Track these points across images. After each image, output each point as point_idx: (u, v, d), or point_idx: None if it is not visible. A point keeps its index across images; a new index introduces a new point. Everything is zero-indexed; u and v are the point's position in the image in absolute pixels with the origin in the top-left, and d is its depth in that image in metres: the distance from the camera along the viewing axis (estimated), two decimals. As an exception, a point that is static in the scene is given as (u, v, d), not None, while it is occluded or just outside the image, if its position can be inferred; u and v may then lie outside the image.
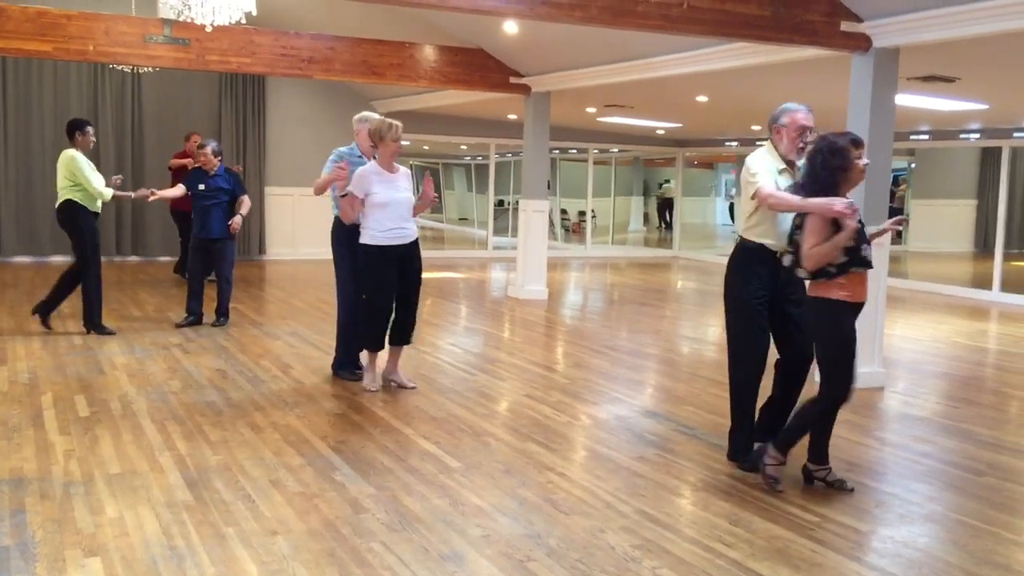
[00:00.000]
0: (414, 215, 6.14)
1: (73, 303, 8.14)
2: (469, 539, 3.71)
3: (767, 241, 4.63)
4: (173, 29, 8.87)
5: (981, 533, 3.98)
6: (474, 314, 10.34)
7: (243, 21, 7.76)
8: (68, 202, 7.70)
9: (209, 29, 8.07)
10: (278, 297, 10.71)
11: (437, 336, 8.40)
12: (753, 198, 4.55)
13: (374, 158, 6.14)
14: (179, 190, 8.79)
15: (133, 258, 13.71)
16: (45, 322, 7.92)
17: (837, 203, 4.16)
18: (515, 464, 4.72)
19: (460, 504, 4.10)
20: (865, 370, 6.68)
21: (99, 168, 13.17)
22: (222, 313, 8.51)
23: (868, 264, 4.31)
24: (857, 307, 4.33)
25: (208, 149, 8.53)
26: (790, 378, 4.77)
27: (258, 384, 6.27)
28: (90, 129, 8.05)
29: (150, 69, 11.22)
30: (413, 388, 6.25)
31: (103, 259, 13.18)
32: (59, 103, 13.14)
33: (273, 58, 9.59)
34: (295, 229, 14.41)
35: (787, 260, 4.45)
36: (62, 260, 13.19)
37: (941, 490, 4.56)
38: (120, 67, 11.63)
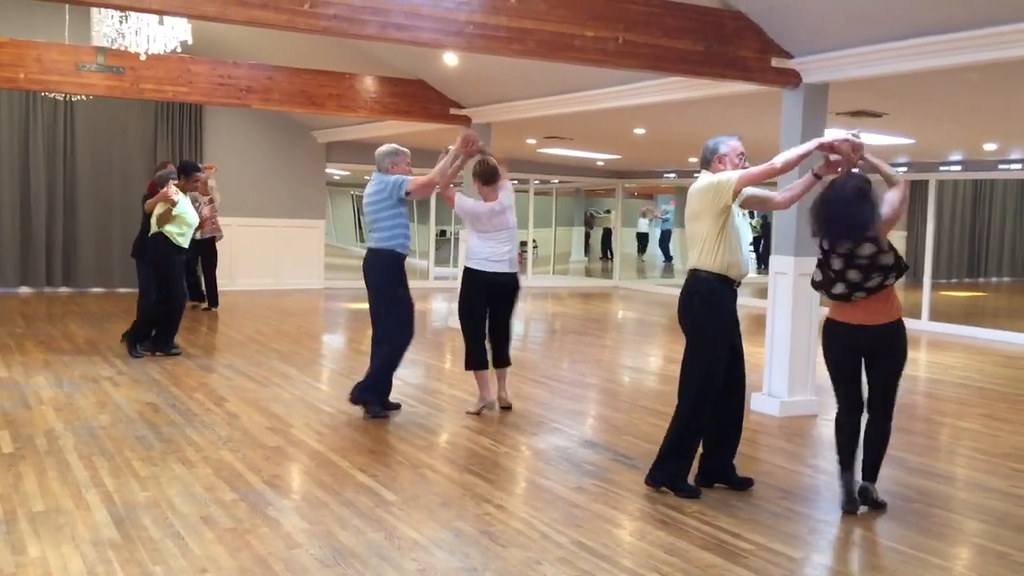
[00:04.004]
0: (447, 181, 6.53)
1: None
2: (404, 573, 3.66)
3: (731, 272, 4.68)
4: (107, 57, 8.75)
5: (909, 559, 4.05)
6: (414, 345, 10.23)
7: (179, 50, 7.70)
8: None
9: (144, 57, 8.01)
10: (214, 328, 10.53)
11: (376, 367, 8.31)
12: (722, 213, 4.58)
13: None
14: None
15: (64, 289, 13.39)
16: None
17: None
18: (452, 496, 4.68)
19: (396, 538, 4.05)
20: (799, 398, 6.80)
21: (30, 198, 13.03)
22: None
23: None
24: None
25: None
26: (736, 407, 4.84)
27: (191, 418, 6.14)
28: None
29: (83, 97, 11.03)
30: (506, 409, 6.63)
31: (32, 290, 12.88)
32: (-11, 130, 12.85)
33: (210, 87, 9.51)
34: (232, 260, 14.21)
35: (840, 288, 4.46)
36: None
37: (872, 517, 4.63)
38: (52, 95, 11.41)
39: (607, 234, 24.50)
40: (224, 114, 14.08)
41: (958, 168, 13.06)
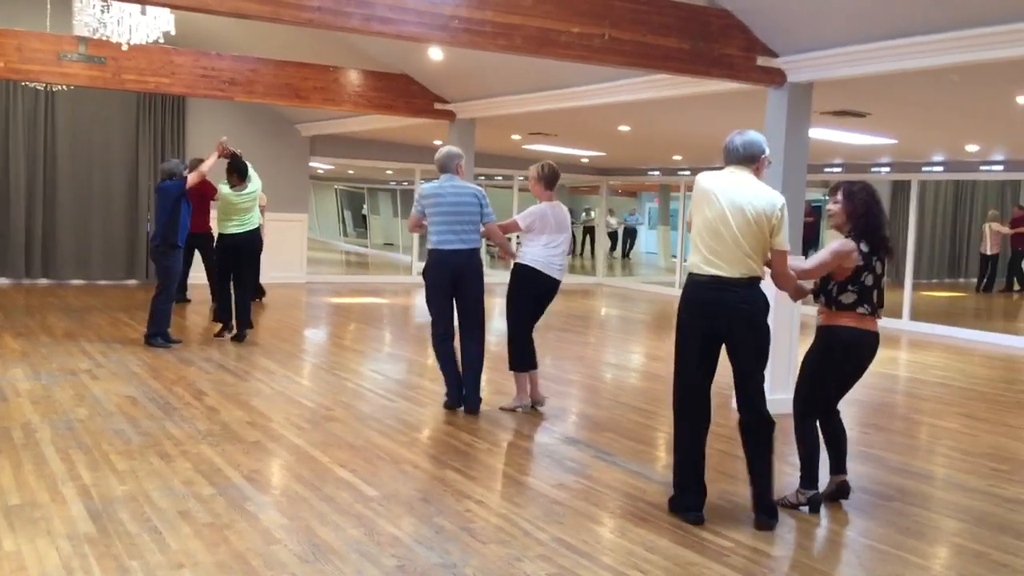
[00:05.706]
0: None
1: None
2: (384, 570, 3.65)
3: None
4: (89, 47, 8.66)
5: (889, 558, 4.06)
6: (397, 340, 10.25)
7: (161, 40, 7.64)
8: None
9: (126, 47, 7.93)
10: (195, 322, 10.47)
11: (359, 362, 8.30)
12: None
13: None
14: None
15: (43, 281, 13.26)
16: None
17: None
18: (433, 492, 4.66)
19: (376, 534, 4.03)
20: (781, 396, 6.81)
21: (9, 189, 12.90)
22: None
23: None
24: None
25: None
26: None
27: (170, 411, 6.09)
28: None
29: (64, 87, 10.92)
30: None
31: (10, 281, 12.73)
32: (-32, 120, 12.71)
33: (193, 79, 9.43)
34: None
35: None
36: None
37: (851, 515, 4.65)
38: (33, 85, 11.29)
39: (586, 231, 24.64)
40: (207, 106, 13.97)
41: (940, 169, 13.12)
